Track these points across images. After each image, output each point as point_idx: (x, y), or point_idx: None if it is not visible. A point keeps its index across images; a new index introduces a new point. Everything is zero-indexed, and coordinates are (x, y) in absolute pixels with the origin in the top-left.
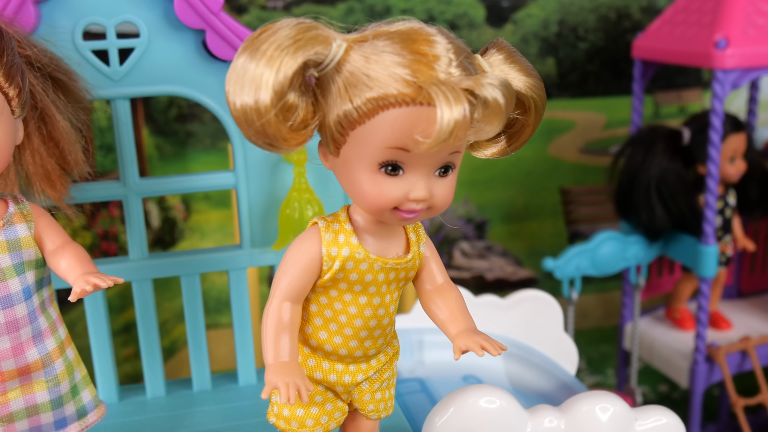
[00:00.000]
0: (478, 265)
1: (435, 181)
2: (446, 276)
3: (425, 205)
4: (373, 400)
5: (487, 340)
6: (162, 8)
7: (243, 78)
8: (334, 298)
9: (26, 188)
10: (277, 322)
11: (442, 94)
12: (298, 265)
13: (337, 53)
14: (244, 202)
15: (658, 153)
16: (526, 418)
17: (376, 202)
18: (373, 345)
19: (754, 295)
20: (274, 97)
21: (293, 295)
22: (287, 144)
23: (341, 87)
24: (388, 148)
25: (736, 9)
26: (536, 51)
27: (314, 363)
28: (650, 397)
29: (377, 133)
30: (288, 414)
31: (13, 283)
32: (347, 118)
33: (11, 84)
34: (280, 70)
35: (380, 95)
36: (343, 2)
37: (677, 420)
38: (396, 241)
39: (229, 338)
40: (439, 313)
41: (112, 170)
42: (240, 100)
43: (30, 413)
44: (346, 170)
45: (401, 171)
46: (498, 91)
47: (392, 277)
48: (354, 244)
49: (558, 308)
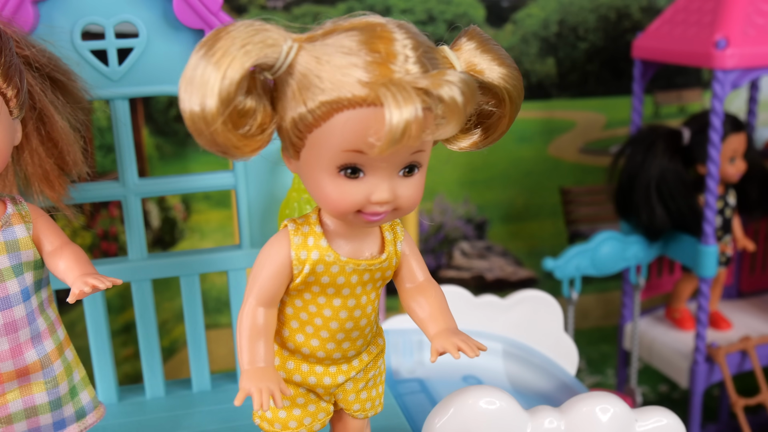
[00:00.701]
0: (478, 265)
1: (399, 182)
2: (427, 274)
3: (390, 206)
4: (359, 399)
5: (464, 341)
6: (161, 8)
7: (192, 83)
8: (308, 301)
9: (25, 189)
10: (251, 327)
11: (391, 94)
12: (269, 269)
13: (288, 55)
14: (244, 203)
15: (658, 153)
16: (526, 419)
17: (338, 206)
18: (352, 347)
19: (754, 295)
20: (220, 105)
21: (266, 299)
22: (240, 152)
23: (295, 90)
24: (345, 152)
25: (736, 9)
26: (536, 51)
27: (293, 366)
28: (650, 397)
29: (332, 136)
30: (271, 416)
31: (11, 285)
32: (302, 121)
33: (9, 84)
34: (226, 75)
35: (333, 98)
36: (343, 2)
37: (677, 421)
38: (370, 241)
39: (228, 338)
40: (420, 312)
41: (112, 170)
42: (189, 106)
43: (29, 414)
44: (308, 174)
45: (361, 173)
46: (456, 89)
47: (367, 278)
48: (323, 246)
49: (558, 308)
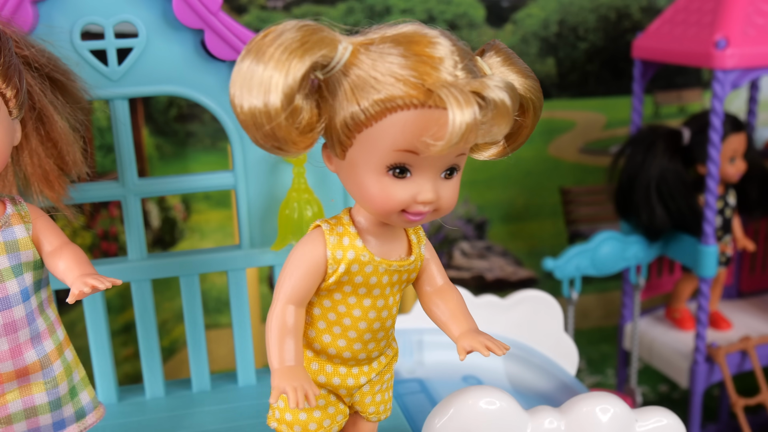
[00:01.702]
0: (478, 265)
1: (441, 183)
2: (446, 277)
3: (432, 207)
4: (374, 402)
5: (490, 340)
6: (160, 8)
7: (251, 81)
8: (338, 301)
9: (24, 189)
10: (281, 326)
11: (453, 96)
12: (303, 268)
13: (344, 56)
14: (243, 203)
15: (658, 153)
16: (526, 420)
17: (384, 205)
18: (376, 347)
19: (754, 295)
20: (284, 100)
21: (297, 298)
22: (296, 147)
23: (347, 89)
24: (397, 151)
25: (736, 9)
26: (536, 51)
27: (317, 366)
28: (650, 397)
29: (385, 135)
30: (291, 419)
31: (11, 285)
32: (354, 120)
33: (9, 84)
34: (289, 72)
35: (387, 97)
36: (343, 2)
37: (678, 421)
38: (398, 244)
39: (228, 338)
40: (440, 314)
41: (112, 170)
42: (248, 103)
43: (28, 415)
44: (352, 173)
45: (409, 174)
46: (504, 93)
47: (395, 279)
48: (359, 246)
49: (558, 308)
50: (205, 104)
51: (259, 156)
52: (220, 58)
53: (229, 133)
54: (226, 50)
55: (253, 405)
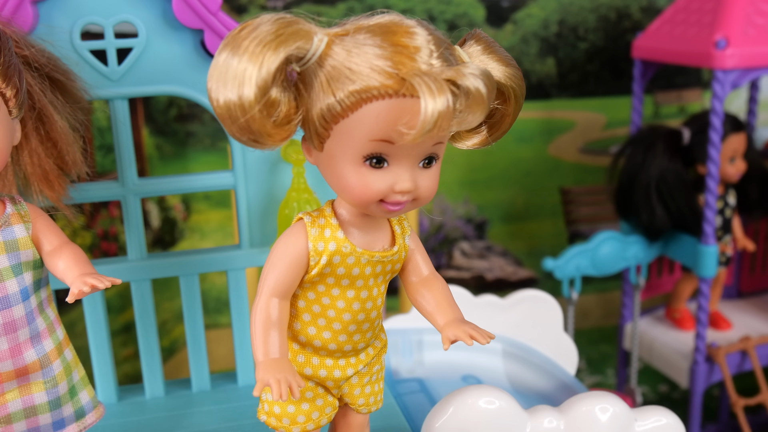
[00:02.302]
0: (478, 265)
1: (419, 173)
2: (432, 268)
3: (411, 196)
4: (363, 394)
5: (475, 329)
6: (160, 8)
7: (226, 74)
8: (322, 293)
9: (24, 189)
10: (265, 318)
11: (425, 85)
12: (285, 260)
13: (319, 47)
14: (243, 202)
15: (658, 153)
16: (526, 419)
17: (362, 196)
18: (362, 339)
19: (754, 295)
20: (258, 93)
21: (281, 291)
22: (271, 140)
23: (323, 81)
24: (373, 141)
25: (736, 9)
26: (536, 51)
27: (304, 359)
28: (650, 397)
29: (361, 126)
30: (279, 411)
31: (10, 284)
32: (330, 111)
33: (8, 84)
34: (263, 65)
35: (363, 87)
36: (343, 2)
37: (677, 420)
38: (381, 234)
39: (228, 338)
40: (426, 304)
41: (112, 170)
42: (223, 96)
43: (28, 414)
44: (330, 164)
45: (386, 163)
46: (480, 81)
47: (379, 270)
48: (340, 238)
49: (558, 308)
50: (205, 104)
51: (259, 156)
52: None
53: None
54: None
55: (253, 405)
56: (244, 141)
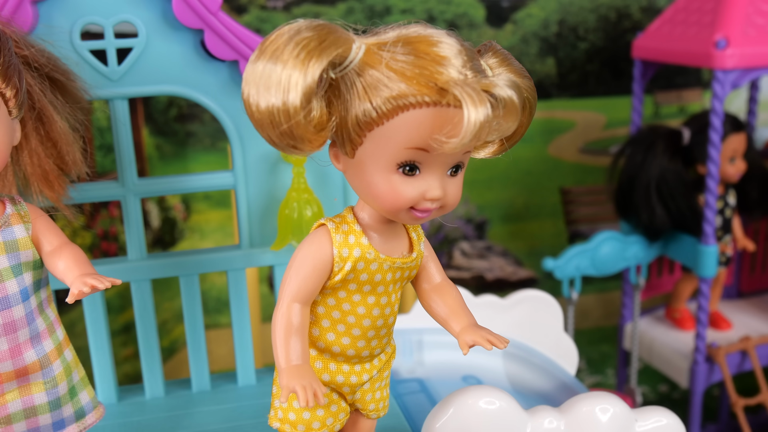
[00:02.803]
0: (478, 265)
1: (447, 180)
2: (444, 274)
3: (439, 203)
4: (374, 399)
5: (491, 335)
6: (160, 8)
7: (268, 80)
8: (343, 299)
9: (24, 189)
10: (287, 325)
11: (468, 95)
12: (309, 266)
13: (357, 55)
14: (243, 202)
15: (658, 153)
16: (526, 419)
17: (393, 203)
18: (379, 344)
19: (754, 295)
20: (303, 99)
21: (303, 297)
22: (310, 145)
23: (360, 88)
24: (408, 149)
25: (736, 9)
26: (536, 51)
27: (321, 365)
28: (650, 397)
29: (397, 133)
30: (294, 418)
31: (10, 285)
32: (366, 118)
33: (8, 84)
34: (308, 71)
35: (399, 95)
36: (343, 2)
37: (677, 421)
38: (400, 241)
39: (228, 338)
40: (440, 311)
41: (112, 170)
42: (265, 102)
43: (28, 415)
44: (361, 171)
45: (418, 171)
46: (512, 91)
47: (398, 276)
48: (364, 244)
49: (558, 308)
50: (205, 104)
51: (259, 156)
52: (220, 58)
53: (229, 133)
54: (225, 50)
55: (253, 405)
56: (281, 146)
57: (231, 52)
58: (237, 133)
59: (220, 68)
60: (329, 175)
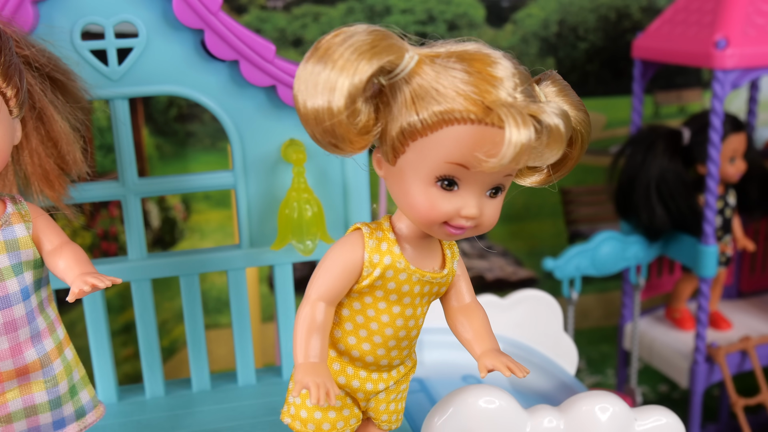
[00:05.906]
0: (478, 265)
1: (485, 201)
2: (473, 295)
3: (474, 222)
4: (387, 410)
5: (512, 361)
6: (160, 8)
7: (317, 78)
8: (368, 305)
9: (24, 188)
10: (310, 321)
11: (512, 116)
12: (339, 267)
13: (409, 64)
14: (243, 202)
15: (658, 153)
16: (526, 418)
17: (427, 215)
18: (398, 355)
19: (754, 295)
20: (348, 100)
21: (329, 296)
22: (351, 147)
23: (408, 98)
24: (448, 163)
25: (736, 9)
26: (536, 51)
27: (339, 367)
28: (650, 397)
29: (440, 147)
30: (306, 416)
31: (11, 284)
32: (411, 128)
33: (9, 84)
34: (356, 73)
35: (447, 109)
36: (343, 2)
37: (677, 420)
38: (433, 256)
39: (228, 338)
40: (464, 332)
41: (112, 170)
42: (312, 100)
43: (28, 414)
44: (400, 180)
45: (456, 187)
46: (560, 120)
47: (426, 291)
48: (396, 253)
49: (558, 308)
50: (205, 104)
51: (259, 156)
52: (220, 58)
53: (229, 133)
54: (226, 50)
55: (253, 404)
56: (324, 144)
57: (231, 52)
58: (237, 133)
59: (220, 68)
60: (329, 176)
